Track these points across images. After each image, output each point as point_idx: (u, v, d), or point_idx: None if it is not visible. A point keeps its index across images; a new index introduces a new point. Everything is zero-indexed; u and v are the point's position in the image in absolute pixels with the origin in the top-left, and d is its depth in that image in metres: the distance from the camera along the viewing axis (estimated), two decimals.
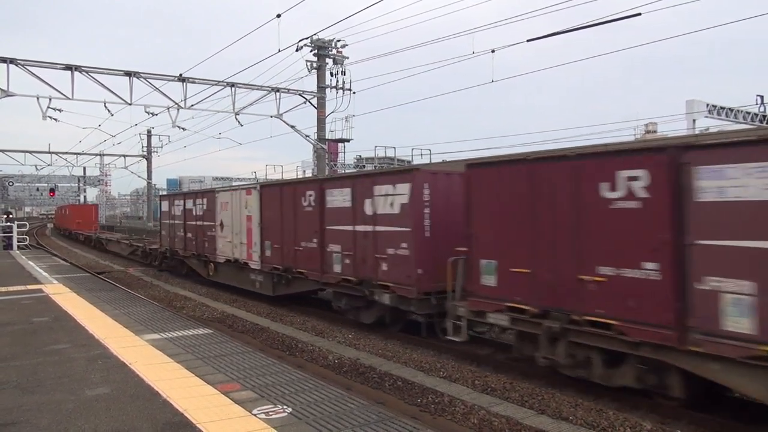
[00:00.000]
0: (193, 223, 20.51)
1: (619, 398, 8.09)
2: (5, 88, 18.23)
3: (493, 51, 18.57)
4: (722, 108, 35.38)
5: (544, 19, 18.77)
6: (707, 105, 34.42)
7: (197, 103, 22.32)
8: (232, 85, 21.75)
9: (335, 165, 46.04)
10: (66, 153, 43.42)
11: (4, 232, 29.17)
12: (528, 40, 16.58)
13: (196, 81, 21.46)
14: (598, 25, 14.29)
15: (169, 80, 20.93)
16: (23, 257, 21.09)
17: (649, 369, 7.34)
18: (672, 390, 7.17)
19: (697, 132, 26.15)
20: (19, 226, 30.14)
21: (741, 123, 35.85)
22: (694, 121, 32.28)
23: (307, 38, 23.30)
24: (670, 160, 6.86)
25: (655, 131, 31.70)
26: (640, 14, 13.18)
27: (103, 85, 19.74)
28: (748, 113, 36.69)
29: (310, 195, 13.96)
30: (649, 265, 7.02)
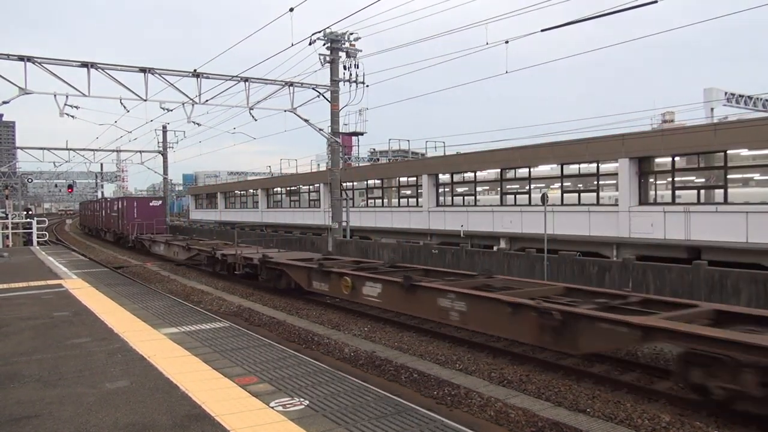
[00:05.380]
0: None
1: (637, 389, 8.04)
2: (23, 86, 18.43)
3: (506, 42, 18.43)
4: (741, 96, 34.79)
5: (558, 9, 18.56)
6: (725, 93, 33.85)
7: (212, 99, 22.40)
8: (246, 79, 21.79)
9: (349, 158, 46.06)
10: (83, 149, 43.81)
11: (24, 229, 29.62)
12: (542, 30, 16.42)
13: (210, 76, 21.54)
14: (613, 14, 14.09)
15: (183, 76, 21.02)
16: (43, 253, 21.38)
17: None
18: None
19: (715, 121, 25.76)
20: (38, 223, 30.54)
21: (760, 111, 35.23)
22: (712, 109, 31.78)
23: (320, 32, 23.28)
24: None
25: (672, 120, 31.24)
26: (656, 1, 12.97)
27: (118, 82, 19.88)
28: None
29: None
30: None
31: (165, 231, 35.82)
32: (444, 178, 27.65)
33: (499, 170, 24.49)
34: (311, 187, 38.14)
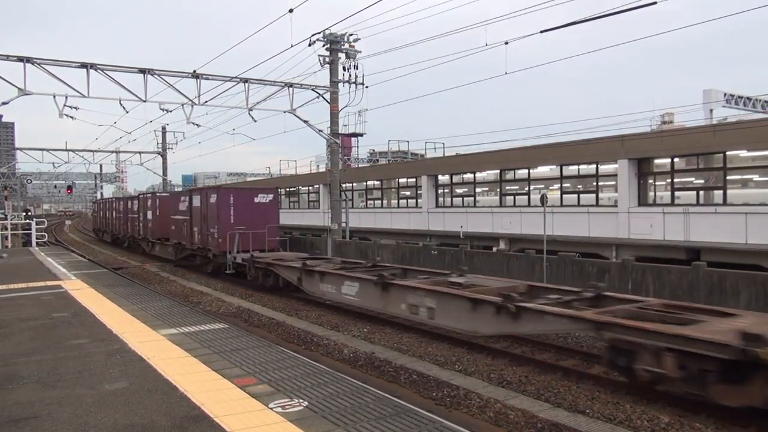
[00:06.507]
0: None
1: (636, 391, 8.03)
2: (22, 87, 18.42)
3: (506, 43, 18.43)
4: (740, 97, 34.84)
5: (557, 11, 18.58)
6: (725, 94, 33.89)
7: (211, 99, 22.41)
8: (246, 80, 21.78)
9: (349, 159, 46.05)
10: (83, 150, 43.83)
11: (23, 229, 29.58)
12: (542, 31, 16.44)
13: (210, 77, 21.53)
14: (612, 15, 14.10)
15: (183, 77, 21.02)
16: (42, 254, 21.35)
17: None
18: None
19: (715, 122, 25.78)
20: (37, 224, 30.49)
21: (759, 112, 35.27)
22: (711, 111, 31.82)
23: (319, 33, 23.26)
24: None
25: (671, 122, 31.27)
26: (656, 2, 12.98)
27: (118, 83, 19.86)
28: (767, 102, 36.09)
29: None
30: None
31: (278, 246, 21.51)
32: (443, 179, 27.65)
33: (498, 171, 24.49)
34: (311, 188, 38.14)
